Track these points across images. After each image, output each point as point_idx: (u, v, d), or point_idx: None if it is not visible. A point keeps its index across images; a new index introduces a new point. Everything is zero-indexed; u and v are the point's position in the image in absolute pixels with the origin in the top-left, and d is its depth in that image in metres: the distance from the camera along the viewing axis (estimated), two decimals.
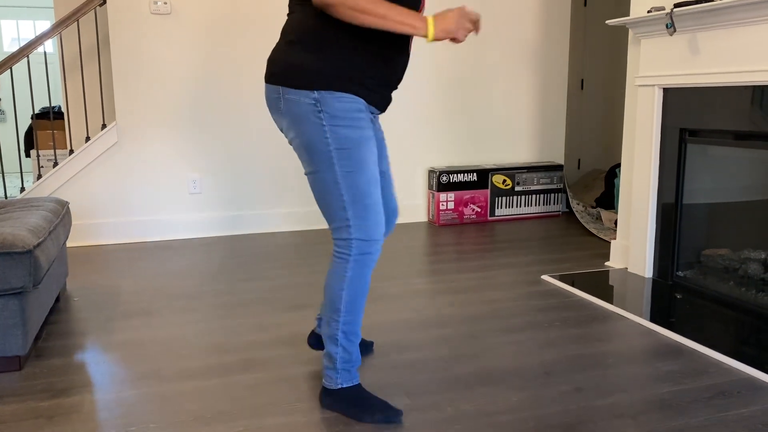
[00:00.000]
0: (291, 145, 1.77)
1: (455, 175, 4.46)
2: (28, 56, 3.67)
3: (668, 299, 2.82)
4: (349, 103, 1.67)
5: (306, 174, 1.77)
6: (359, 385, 1.85)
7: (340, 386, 1.83)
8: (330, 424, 1.78)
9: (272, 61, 1.73)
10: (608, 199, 4.78)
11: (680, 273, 3.02)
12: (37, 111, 6.26)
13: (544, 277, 3.16)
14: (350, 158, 1.68)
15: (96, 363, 2.21)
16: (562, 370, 2.12)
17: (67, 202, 2.93)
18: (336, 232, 1.75)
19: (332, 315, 1.79)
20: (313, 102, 1.65)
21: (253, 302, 2.84)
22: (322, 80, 1.65)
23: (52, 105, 6.49)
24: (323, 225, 4.40)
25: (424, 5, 1.74)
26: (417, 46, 4.45)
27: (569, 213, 4.85)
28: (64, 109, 4.35)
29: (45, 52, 3.86)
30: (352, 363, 1.83)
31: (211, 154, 4.12)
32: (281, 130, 1.78)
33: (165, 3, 3.89)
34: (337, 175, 1.69)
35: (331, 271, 1.79)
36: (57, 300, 2.87)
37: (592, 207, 4.72)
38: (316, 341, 2.18)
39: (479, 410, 1.85)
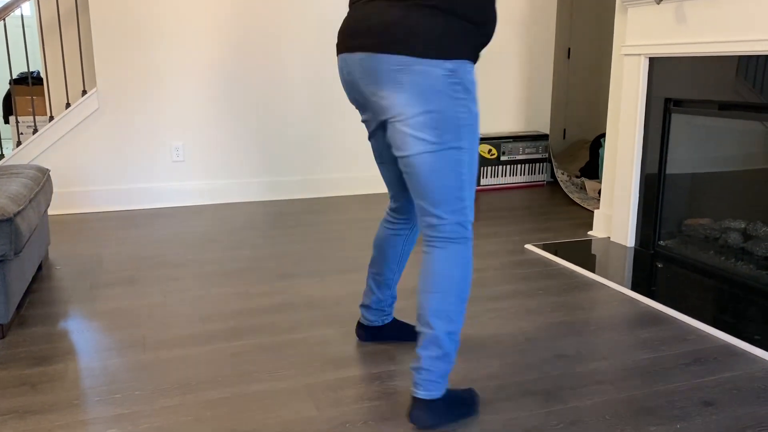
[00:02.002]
0: (400, 126, 1.59)
1: None
2: (4, 19, 3.58)
3: (650, 268, 2.86)
4: None
5: (417, 155, 1.55)
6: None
7: (443, 392, 1.62)
8: (314, 391, 1.80)
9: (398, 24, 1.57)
10: (592, 169, 4.80)
11: (662, 242, 3.05)
12: (15, 76, 6.13)
13: (528, 246, 3.18)
14: None
15: (79, 331, 2.21)
16: (543, 337, 2.15)
17: (47, 169, 2.89)
18: (438, 220, 1.56)
19: (455, 307, 1.57)
20: None
21: (237, 271, 2.84)
22: None
23: (31, 70, 6.36)
24: (307, 194, 4.39)
25: None
26: None
27: (554, 183, 4.87)
28: (43, 75, 4.26)
29: (22, 15, 3.77)
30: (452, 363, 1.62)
31: (195, 121, 4.07)
32: (376, 111, 1.65)
33: None
34: None
35: (440, 269, 1.56)
36: (39, 269, 2.85)
37: (577, 177, 4.74)
38: (369, 335, 2.08)
39: (462, 376, 1.88)
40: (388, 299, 2.03)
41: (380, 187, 4.54)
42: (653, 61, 2.96)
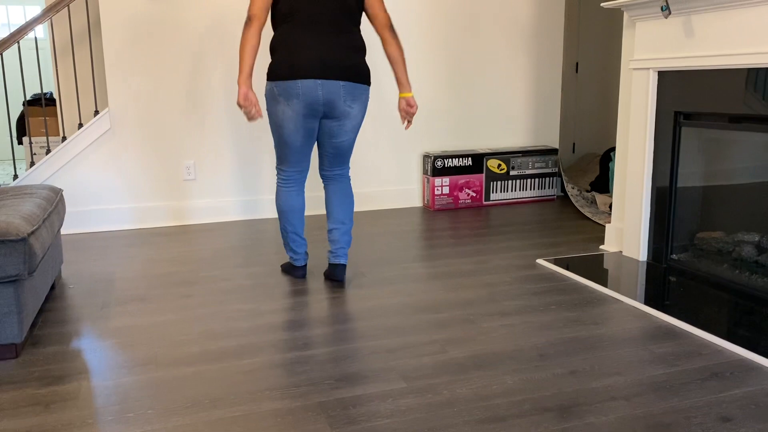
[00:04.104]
0: (349, 124, 2.63)
1: (450, 159, 4.46)
2: (18, 42, 3.63)
3: (662, 282, 2.84)
4: None
5: (351, 138, 2.68)
6: None
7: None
8: (327, 408, 1.79)
9: (364, 67, 2.56)
10: (603, 183, 4.79)
11: (674, 256, 3.03)
12: (28, 97, 6.20)
13: (539, 261, 3.17)
14: None
15: (92, 350, 2.22)
16: (557, 353, 2.14)
17: (60, 189, 2.92)
18: (347, 168, 2.81)
19: (351, 218, 2.80)
20: None
21: (249, 288, 2.84)
22: None
23: (44, 91, 6.44)
24: (317, 211, 4.40)
25: None
26: (407, 30, 4.42)
27: (564, 197, 4.86)
28: (56, 96, 4.31)
29: (36, 38, 3.83)
30: None
31: (205, 140, 4.10)
32: (341, 116, 2.59)
33: None
34: None
35: (349, 191, 2.80)
36: (52, 288, 2.86)
37: (587, 191, 4.73)
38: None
39: (475, 393, 1.87)
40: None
41: (389, 203, 4.55)
42: (662, 75, 2.96)
